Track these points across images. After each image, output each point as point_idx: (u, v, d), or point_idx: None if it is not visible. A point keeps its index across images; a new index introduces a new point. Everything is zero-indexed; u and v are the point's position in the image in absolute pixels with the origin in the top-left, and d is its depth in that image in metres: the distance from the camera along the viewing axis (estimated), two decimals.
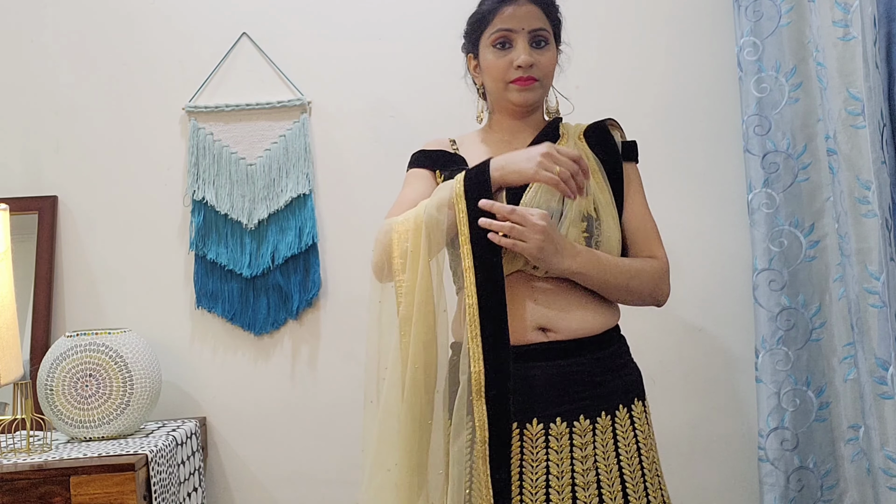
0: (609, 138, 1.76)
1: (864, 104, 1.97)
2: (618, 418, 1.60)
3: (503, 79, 1.69)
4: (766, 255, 2.22)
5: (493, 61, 1.69)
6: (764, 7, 2.25)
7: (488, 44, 1.70)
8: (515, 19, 1.67)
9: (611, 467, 1.57)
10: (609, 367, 1.63)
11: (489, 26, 1.70)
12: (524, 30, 1.67)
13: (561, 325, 1.59)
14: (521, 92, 1.69)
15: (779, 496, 2.17)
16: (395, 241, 1.58)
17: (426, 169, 1.76)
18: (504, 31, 1.68)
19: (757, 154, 2.25)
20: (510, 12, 1.68)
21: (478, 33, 1.73)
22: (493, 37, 1.69)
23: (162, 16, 2.37)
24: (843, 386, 2.17)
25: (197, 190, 2.32)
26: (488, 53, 1.70)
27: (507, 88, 1.69)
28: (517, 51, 1.67)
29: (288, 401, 2.34)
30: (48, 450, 1.97)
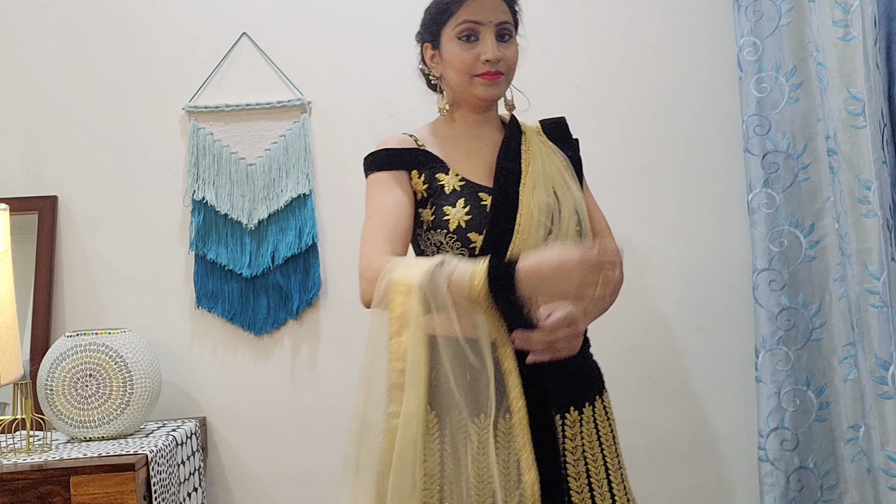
0: (569, 134, 1.77)
1: (865, 104, 1.97)
2: (596, 409, 1.63)
3: (469, 72, 1.64)
4: (766, 255, 2.22)
5: (459, 54, 1.64)
6: (764, 7, 2.25)
7: (453, 35, 1.65)
8: (483, 11, 1.63)
9: (596, 456, 1.59)
10: (585, 360, 1.68)
11: (454, 17, 1.64)
12: (491, 23, 1.63)
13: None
14: (488, 87, 1.65)
15: (779, 496, 2.17)
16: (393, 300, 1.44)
17: (399, 170, 1.66)
18: (471, 23, 1.63)
19: (757, 154, 2.25)
20: (477, 4, 1.63)
21: (440, 23, 1.67)
22: (458, 28, 1.63)
23: (162, 16, 2.37)
24: (843, 386, 2.17)
25: (197, 190, 2.32)
26: (453, 45, 1.65)
27: (472, 82, 1.65)
28: (484, 45, 1.63)
29: (288, 401, 2.34)
30: (48, 450, 1.97)
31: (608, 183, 2.37)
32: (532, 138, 1.72)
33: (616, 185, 2.36)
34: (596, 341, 1.76)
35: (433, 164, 1.65)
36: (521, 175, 1.63)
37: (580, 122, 1.80)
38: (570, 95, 2.37)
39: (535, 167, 1.65)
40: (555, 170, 1.68)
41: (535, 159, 1.67)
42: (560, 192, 1.64)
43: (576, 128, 2.10)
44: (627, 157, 2.37)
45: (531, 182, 1.62)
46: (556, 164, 1.69)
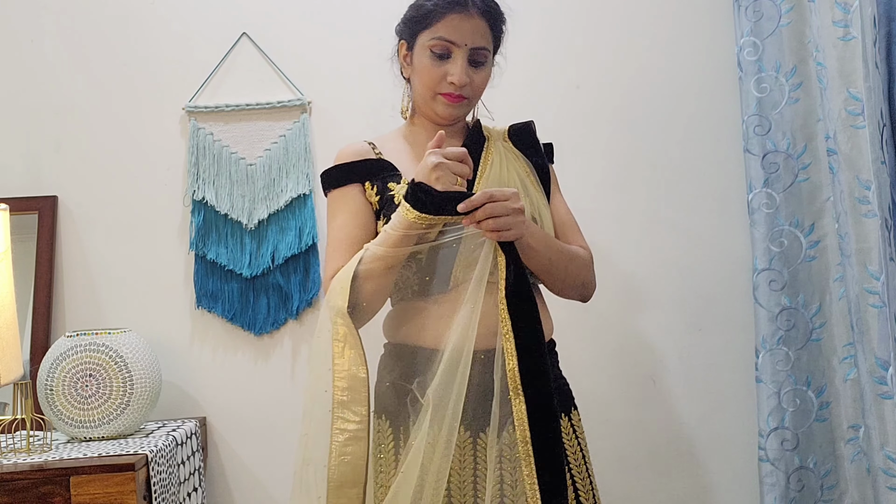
0: (536, 140, 1.74)
1: (864, 104, 1.97)
2: (563, 427, 1.58)
3: (433, 88, 1.62)
4: (766, 255, 2.22)
5: (428, 68, 1.62)
6: (764, 7, 2.25)
7: (426, 46, 1.62)
8: (460, 32, 1.60)
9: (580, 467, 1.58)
10: (556, 374, 1.65)
11: (431, 28, 1.61)
12: (466, 45, 1.60)
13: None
14: (448, 107, 1.64)
15: (779, 496, 2.17)
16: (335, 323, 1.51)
17: (352, 184, 1.66)
18: (446, 41, 1.60)
19: (757, 154, 2.25)
20: (456, 23, 1.60)
21: (417, 29, 1.64)
22: (432, 42, 1.61)
23: (162, 16, 2.37)
24: (843, 386, 2.17)
25: (197, 190, 2.32)
26: (424, 57, 1.63)
27: (434, 98, 1.64)
28: (454, 66, 1.60)
29: (288, 401, 2.34)
30: (48, 450, 1.97)
31: (608, 183, 2.37)
32: (494, 145, 1.70)
33: (616, 185, 2.36)
34: (596, 341, 1.77)
35: (386, 174, 1.63)
36: (475, 183, 1.61)
37: (580, 121, 1.80)
38: (570, 95, 2.37)
39: (491, 175, 1.63)
40: (513, 176, 1.66)
41: (493, 167, 1.65)
42: None
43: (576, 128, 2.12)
44: (627, 157, 2.37)
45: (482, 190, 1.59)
46: (515, 170, 1.67)
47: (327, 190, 1.71)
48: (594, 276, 1.71)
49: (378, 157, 1.67)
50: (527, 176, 1.68)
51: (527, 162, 1.70)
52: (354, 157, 1.68)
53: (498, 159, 1.67)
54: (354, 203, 1.64)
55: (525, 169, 1.69)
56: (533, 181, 1.68)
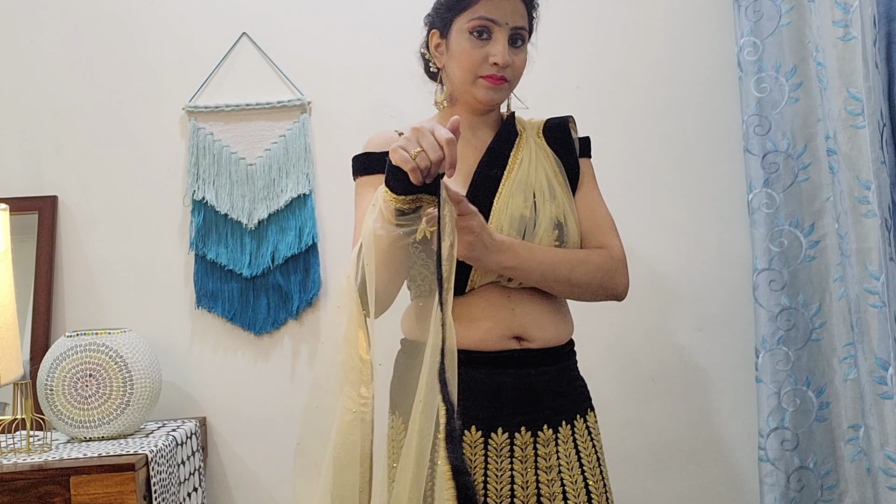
0: (569, 137, 1.70)
1: (864, 104, 1.97)
2: (577, 429, 1.58)
3: (474, 71, 1.57)
4: (766, 255, 2.22)
5: (469, 50, 1.56)
6: (764, 7, 2.25)
7: (465, 29, 1.56)
8: (501, 11, 1.55)
9: (575, 477, 1.54)
10: (566, 379, 1.61)
11: (470, 9, 1.56)
12: (507, 24, 1.55)
13: (536, 334, 1.56)
14: (490, 90, 1.58)
15: (779, 496, 2.17)
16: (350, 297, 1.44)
17: (379, 174, 1.51)
18: (487, 20, 1.55)
19: (757, 154, 2.25)
20: (497, 2, 1.55)
21: (454, 12, 1.58)
22: (472, 23, 1.55)
23: (162, 16, 2.37)
24: (843, 386, 2.17)
25: (197, 190, 2.32)
26: (463, 40, 1.57)
27: (475, 83, 1.58)
28: (496, 46, 1.55)
29: (288, 401, 2.34)
30: (48, 450, 1.97)
31: (608, 183, 2.36)
32: (527, 141, 1.66)
33: (616, 185, 2.35)
34: (597, 341, 1.77)
35: None
36: (500, 183, 1.57)
37: (580, 121, 1.80)
38: (570, 95, 2.37)
39: (519, 175, 1.59)
40: (542, 177, 1.61)
41: (521, 166, 1.61)
42: (541, 202, 1.57)
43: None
44: (627, 157, 2.37)
45: (508, 191, 1.56)
46: (544, 170, 1.63)
47: (356, 176, 1.67)
48: (622, 276, 1.62)
49: None
50: (555, 176, 1.63)
51: (557, 161, 1.65)
52: (383, 147, 1.61)
53: (528, 157, 1.63)
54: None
55: (554, 168, 1.64)
56: (561, 182, 1.63)
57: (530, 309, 1.56)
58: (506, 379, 1.53)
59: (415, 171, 1.31)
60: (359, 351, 1.43)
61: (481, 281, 1.54)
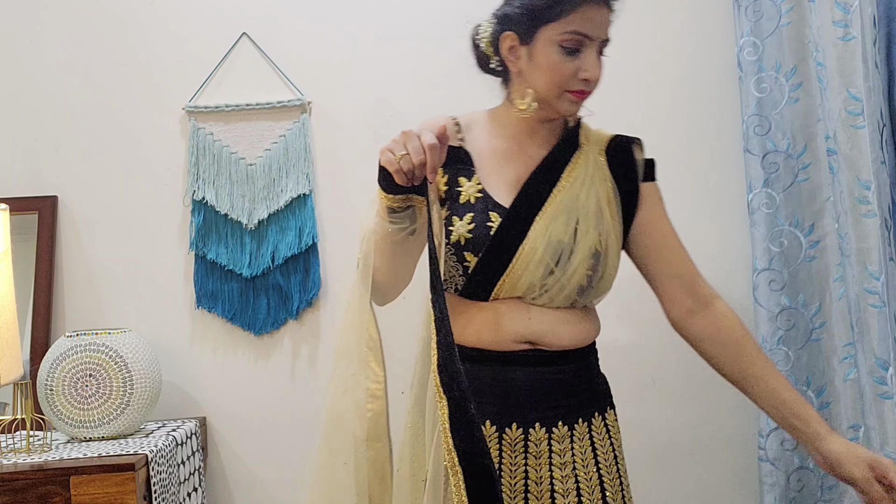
0: (632, 161, 1.62)
1: (864, 104, 1.97)
2: (594, 426, 1.58)
3: (562, 86, 1.48)
4: (766, 255, 2.22)
5: (559, 64, 1.47)
6: (764, 7, 2.25)
7: (554, 41, 1.47)
8: (595, 25, 1.48)
9: (590, 475, 1.54)
10: (584, 378, 1.60)
11: (562, 20, 1.46)
12: (599, 38, 1.49)
13: (551, 340, 1.53)
14: (575, 104, 1.51)
15: (779, 496, 2.17)
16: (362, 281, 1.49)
17: None
18: (581, 35, 1.46)
19: (757, 154, 2.25)
20: (592, 14, 1.47)
21: (541, 21, 1.47)
22: (564, 37, 1.46)
23: (162, 16, 2.37)
24: (843, 386, 2.17)
25: (197, 190, 2.32)
26: (552, 52, 1.47)
27: (560, 97, 1.50)
28: (587, 61, 1.48)
29: (288, 401, 2.34)
30: (48, 450, 1.97)
31: None
32: (586, 158, 1.57)
33: None
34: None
35: (460, 166, 1.54)
36: (545, 202, 1.51)
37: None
38: None
39: (568, 195, 1.52)
40: (591, 201, 1.54)
41: (573, 185, 1.54)
42: (583, 229, 1.51)
43: None
44: None
45: (552, 212, 1.50)
46: (596, 195, 1.55)
47: None
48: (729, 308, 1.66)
49: (458, 146, 1.56)
50: (607, 204, 1.55)
51: (613, 186, 1.58)
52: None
53: (582, 177, 1.55)
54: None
55: (609, 193, 1.56)
56: (613, 211, 1.56)
57: (547, 318, 1.53)
58: (518, 376, 1.52)
59: (398, 173, 1.33)
60: (368, 330, 1.47)
61: (506, 295, 1.52)
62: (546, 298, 1.52)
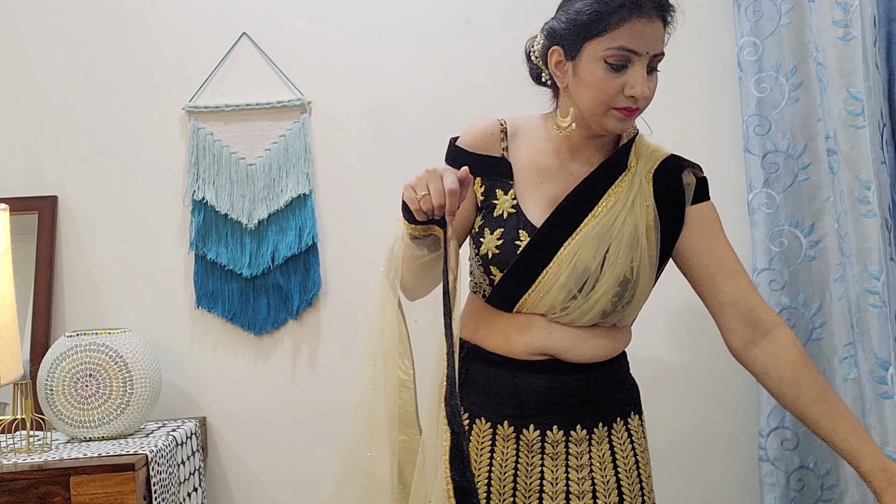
0: (679, 186, 1.55)
1: (864, 104, 1.97)
2: (615, 430, 1.57)
3: (607, 103, 1.44)
4: (766, 255, 2.22)
5: (604, 81, 1.42)
6: (764, 7, 2.25)
7: (600, 56, 1.41)
8: (644, 40, 1.41)
9: (608, 478, 1.54)
10: (608, 386, 1.58)
11: (608, 34, 1.40)
12: (647, 53, 1.42)
13: (571, 356, 1.52)
14: (622, 122, 1.46)
15: (779, 496, 2.17)
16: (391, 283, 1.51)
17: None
18: (627, 51, 1.41)
19: (757, 154, 2.25)
20: (638, 29, 1.40)
21: (587, 35, 1.42)
22: (610, 52, 1.41)
23: (162, 16, 2.37)
24: (844, 386, 2.17)
25: (197, 190, 2.32)
26: (598, 69, 1.42)
27: (606, 114, 1.45)
28: (634, 76, 1.42)
29: (288, 401, 2.34)
30: (48, 450, 1.97)
31: None
32: (631, 183, 1.52)
33: None
34: None
35: (498, 177, 1.52)
36: (578, 227, 1.48)
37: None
38: None
39: (604, 221, 1.48)
40: (628, 228, 1.49)
41: (609, 211, 1.49)
42: (613, 257, 1.47)
43: None
44: None
45: (583, 238, 1.47)
46: (634, 222, 1.50)
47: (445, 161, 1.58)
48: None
49: (501, 156, 1.53)
50: (647, 230, 1.50)
51: (655, 214, 1.52)
52: (479, 144, 1.54)
53: (622, 203, 1.50)
54: None
55: (648, 223, 1.51)
56: (651, 239, 1.51)
57: (568, 335, 1.51)
58: (538, 382, 1.52)
59: (418, 212, 1.36)
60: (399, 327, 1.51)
61: (529, 310, 1.51)
62: (567, 319, 1.51)
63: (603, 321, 1.52)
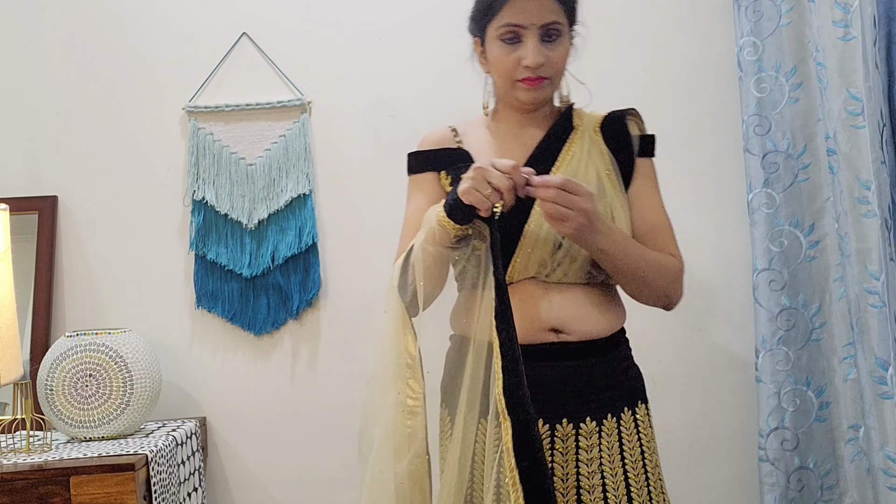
0: (625, 133, 1.67)
1: (864, 104, 1.97)
2: (623, 421, 1.58)
3: (510, 76, 1.57)
4: (766, 255, 2.22)
5: (500, 57, 1.56)
6: (764, 7, 2.25)
7: (495, 36, 1.56)
8: (526, 13, 1.53)
9: (616, 470, 1.55)
10: (615, 371, 1.61)
11: (497, 17, 1.55)
12: (534, 25, 1.53)
13: (574, 326, 1.56)
14: (529, 91, 1.58)
15: (779, 496, 2.17)
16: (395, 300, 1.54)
17: (428, 172, 1.65)
18: (513, 26, 1.54)
19: (757, 154, 2.25)
20: (520, 4, 1.54)
21: (485, 21, 1.58)
22: (501, 30, 1.55)
23: (162, 16, 2.37)
24: (843, 386, 2.17)
25: (197, 190, 2.32)
26: (495, 47, 1.57)
27: (514, 86, 1.58)
28: (526, 48, 1.54)
29: (288, 401, 2.34)
30: (48, 450, 1.97)
31: None
32: (582, 137, 1.64)
33: None
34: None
35: (461, 164, 1.58)
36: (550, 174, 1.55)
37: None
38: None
39: (567, 171, 1.58)
40: (591, 174, 1.59)
41: (571, 162, 1.60)
42: None
43: None
44: None
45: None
46: (595, 168, 1.61)
47: (409, 174, 1.70)
48: (681, 287, 1.64)
49: (457, 147, 1.65)
50: (607, 175, 1.61)
51: (611, 158, 1.64)
52: (434, 145, 1.67)
53: (579, 154, 1.61)
54: (430, 188, 1.64)
55: (608, 167, 1.62)
56: (613, 181, 1.62)
57: (568, 303, 1.57)
58: (545, 372, 1.54)
59: (489, 211, 1.43)
60: (407, 349, 1.52)
61: (520, 276, 1.56)
62: (560, 273, 1.56)
63: (594, 271, 1.58)
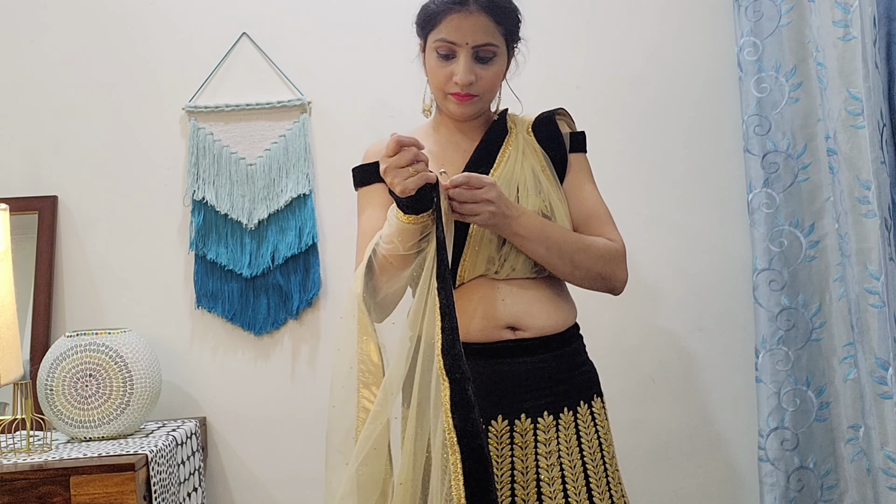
0: (557, 131, 1.73)
1: (864, 104, 1.97)
2: (579, 415, 1.62)
3: (442, 88, 1.64)
4: (766, 255, 2.23)
5: (435, 69, 1.64)
6: (764, 7, 2.25)
7: (433, 47, 1.63)
8: (460, 32, 1.59)
9: (574, 462, 1.58)
10: (570, 365, 1.64)
11: (435, 30, 1.62)
12: (468, 45, 1.59)
13: (529, 322, 1.60)
14: (459, 106, 1.64)
15: (779, 496, 2.17)
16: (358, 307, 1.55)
17: (375, 184, 1.67)
18: (447, 42, 1.60)
19: (757, 154, 2.25)
20: (456, 23, 1.59)
21: (426, 31, 1.66)
22: (437, 44, 1.62)
23: (162, 16, 2.37)
24: (843, 386, 2.18)
25: (197, 190, 2.32)
26: (431, 58, 1.64)
27: (445, 98, 1.65)
28: (458, 65, 1.60)
29: (288, 401, 2.34)
30: (48, 450, 1.97)
31: (608, 183, 2.36)
32: (516, 138, 1.70)
33: (616, 186, 2.35)
34: (596, 341, 1.77)
35: None
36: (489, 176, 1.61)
37: (580, 122, 1.80)
38: (569, 96, 2.36)
39: (504, 171, 1.64)
40: (527, 171, 1.66)
41: (507, 162, 1.66)
42: (524, 196, 1.62)
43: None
44: (627, 157, 2.37)
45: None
46: (530, 165, 1.67)
47: (356, 187, 1.75)
48: (622, 269, 1.67)
49: None
50: (542, 171, 1.68)
51: (544, 155, 1.70)
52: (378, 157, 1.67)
53: (514, 154, 1.68)
54: (379, 199, 1.66)
55: (542, 163, 1.69)
56: (548, 175, 1.68)
57: (520, 299, 1.61)
58: (503, 368, 1.58)
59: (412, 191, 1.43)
60: (370, 356, 1.54)
61: (470, 275, 1.61)
62: (508, 268, 1.60)
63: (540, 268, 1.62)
